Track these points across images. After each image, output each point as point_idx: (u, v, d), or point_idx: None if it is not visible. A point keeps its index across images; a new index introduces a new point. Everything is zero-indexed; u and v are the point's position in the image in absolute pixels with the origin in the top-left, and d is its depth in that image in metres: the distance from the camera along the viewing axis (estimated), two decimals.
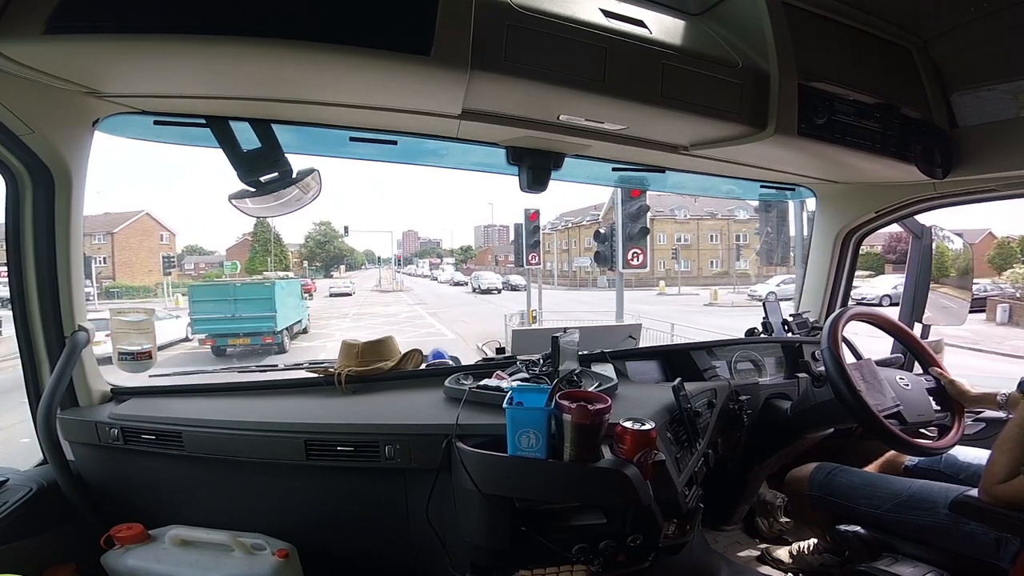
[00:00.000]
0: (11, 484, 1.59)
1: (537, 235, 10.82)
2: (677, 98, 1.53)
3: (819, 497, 1.78)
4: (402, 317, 20.08)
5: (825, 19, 1.66)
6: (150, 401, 1.81)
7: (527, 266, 11.05)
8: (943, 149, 1.84)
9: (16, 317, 1.63)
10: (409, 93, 1.43)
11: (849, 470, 1.81)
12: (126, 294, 28.47)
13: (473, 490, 1.29)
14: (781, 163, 2.08)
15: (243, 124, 1.55)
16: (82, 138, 1.52)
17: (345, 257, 64.81)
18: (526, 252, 10.70)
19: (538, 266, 11.59)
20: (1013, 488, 1.36)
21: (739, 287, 28.03)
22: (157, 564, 1.54)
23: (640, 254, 7.41)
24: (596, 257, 8.00)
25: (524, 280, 23.83)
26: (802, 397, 1.95)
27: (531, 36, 1.32)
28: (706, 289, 22.92)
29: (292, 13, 1.14)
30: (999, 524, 1.40)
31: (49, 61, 1.18)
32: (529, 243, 10.66)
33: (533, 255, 10.86)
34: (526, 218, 10.59)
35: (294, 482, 1.63)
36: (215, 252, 57.46)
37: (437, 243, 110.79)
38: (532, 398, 1.31)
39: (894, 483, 1.68)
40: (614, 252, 7.50)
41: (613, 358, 1.97)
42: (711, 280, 36.32)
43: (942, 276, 2.39)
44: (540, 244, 11.17)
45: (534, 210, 10.62)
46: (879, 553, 1.61)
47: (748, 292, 23.45)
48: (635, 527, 1.29)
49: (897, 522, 1.60)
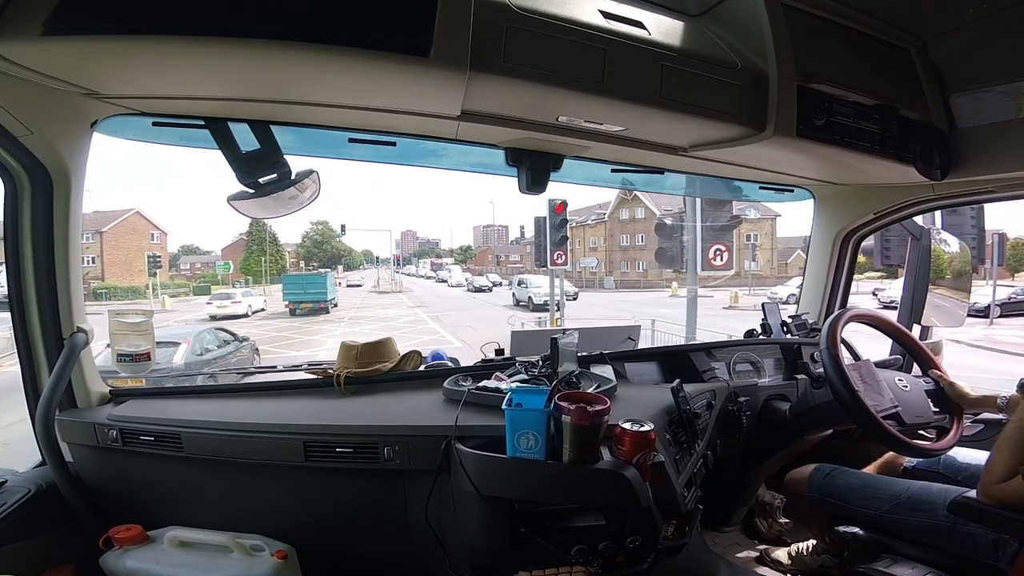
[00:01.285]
0: (9, 485, 1.59)
1: (564, 229, 8.87)
2: (676, 99, 1.53)
3: (818, 498, 1.79)
4: (402, 321, 19.38)
5: (824, 20, 1.66)
6: (149, 402, 1.81)
7: (552, 266, 9.18)
8: (942, 150, 1.84)
9: (15, 318, 1.63)
10: (408, 94, 1.43)
11: (848, 471, 1.81)
12: (115, 295, 27.86)
13: (472, 491, 1.29)
14: (780, 164, 2.08)
15: (242, 125, 1.55)
16: (81, 139, 1.52)
17: (343, 257, 64.66)
18: (551, 250, 8.84)
19: (564, 266, 9.54)
20: (1012, 489, 1.36)
21: (755, 289, 27.69)
22: (156, 565, 1.54)
23: (725, 252, 5.95)
24: (659, 255, 6.51)
25: (532, 280, 23.18)
26: (801, 398, 1.95)
27: (530, 37, 1.32)
28: (718, 291, 22.65)
29: (291, 14, 1.14)
30: (997, 525, 1.40)
31: (47, 62, 1.18)
32: (555, 239, 8.78)
33: (559, 253, 8.93)
34: (551, 210, 8.71)
35: (293, 483, 1.63)
36: (211, 252, 57.02)
37: (436, 243, 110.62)
38: (531, 399, 1.32)
39: (893, 484, 1.68)
40: (684, 249, 6.00)
41: (612, 359, 1.97)
42: (723, 281, 36.07)
43: (939, 277, 2.39)
44: (568, 240, 9.11)
45: (560, 200, 8.68)
46: (878, 554, 1.62)
47: (768, 294, 23.10)
48: (634, 528, 1.29)
49: (896, 523, 1.60)
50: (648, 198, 36.53)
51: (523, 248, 61.12)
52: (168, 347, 8.27)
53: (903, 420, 1.75)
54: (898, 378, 1.87)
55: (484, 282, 37.37)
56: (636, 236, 39.53)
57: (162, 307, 24.22)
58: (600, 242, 42.58)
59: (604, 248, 41.81)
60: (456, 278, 44.11)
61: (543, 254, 9.03)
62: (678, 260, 6.18)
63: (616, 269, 40.18)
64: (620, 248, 40.97)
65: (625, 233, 40.71)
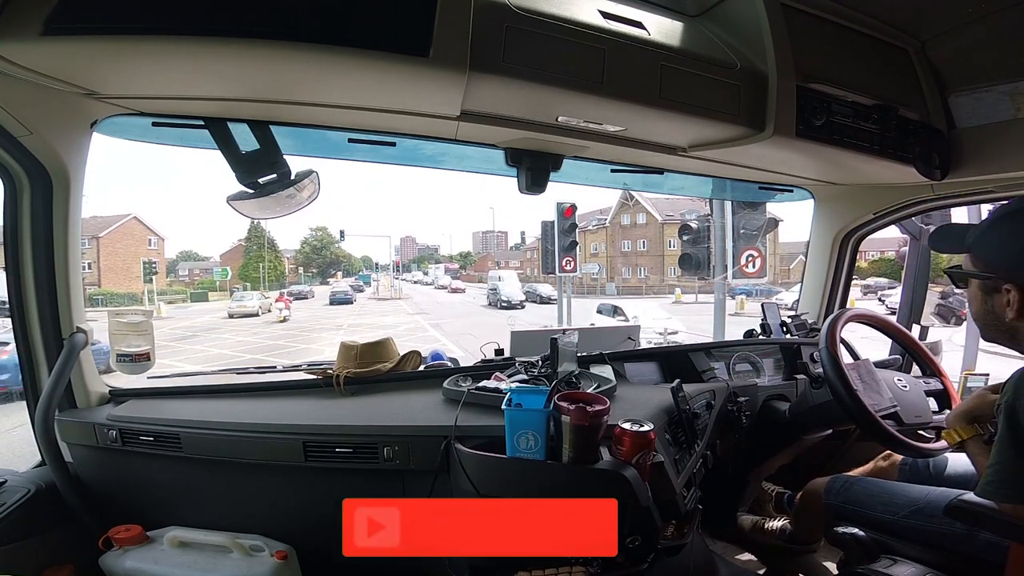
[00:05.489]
0: (9, 485, 1.59)
1: (573, 234, 8.68)
2: (675, 99, 1.53)
3: (836, 505, 1.76)
4: (402, 329, 19.08)
5: (823, 20, 1.67)
6: (148, 403, 1.81)
7: (560, 273, 8.95)
8: (941, 150, 1.84)
9: (14, 319, 1.63)
10: (408, 94, 1.43)
11: (864, 480, 1.79)
12: (111, 301, 27.50)
13: (472, 491, 1.29)
14: (779, 164, 2.08)
15: (241, 125, 1.55)
16: (80, 140, 1.52)
17: (342, 263, 64.60)
18: (559, 256, 8.55)
19: (573, 273, 9.29)
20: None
21: (759, 295, 27.29)
22: (155, 565, 1.54)
23: (758, 257, 5.36)
24: (683, 261, 5.86)
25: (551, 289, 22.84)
26: (800, 398, 1.95)
27: (530, 37, 1.33)
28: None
29: (291, 14, 1.14)
30: (994, 528, 1.38)
31: (47, 62, 1.18)
32: (564, 244, 8.55)
33: (568, 259, 8.66)
34: (559, 214, 8.45)
35: (293, 483, 1.63)
36: (209, 258, 56.54)
37: (435, 249, 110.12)
38: (531, 399, 1.31)
39: (911, 490, 1.66)
40: (711, 254, 5.48)
41: (612, 359, 1.97)
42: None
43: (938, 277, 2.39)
44: (577, 245, 9.04)
45: (568, 204, 8.37)
46: (877, 555, 1.61)
47: (774, 300, 22.89)
48: (633, 528, 1.29)
49: (916, 529, 1.57)
50: (649, 203, 36.53)
51: (523, 254, 61.04)
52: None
53: (902, 420, 1.75)
54: (897, 378, 1.87)
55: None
56: (637, 241, 39.52)
57: (158, 314, 23.52)
58: (601, 248, 42.50)
59: (605, 254, 41.74)
60: (511, 287, 42.80)
61: (551, 260, 8.83)
62: (705, 267, 5.58)
63: (617, 275, 40.11)
64: (621, 254, 40.92)
65: (626, 239, 40.67)
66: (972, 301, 1.33)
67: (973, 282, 1.30)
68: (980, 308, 1.30)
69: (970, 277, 1.30)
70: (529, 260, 49.60)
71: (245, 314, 24.87)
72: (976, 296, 1.30)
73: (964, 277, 1.32)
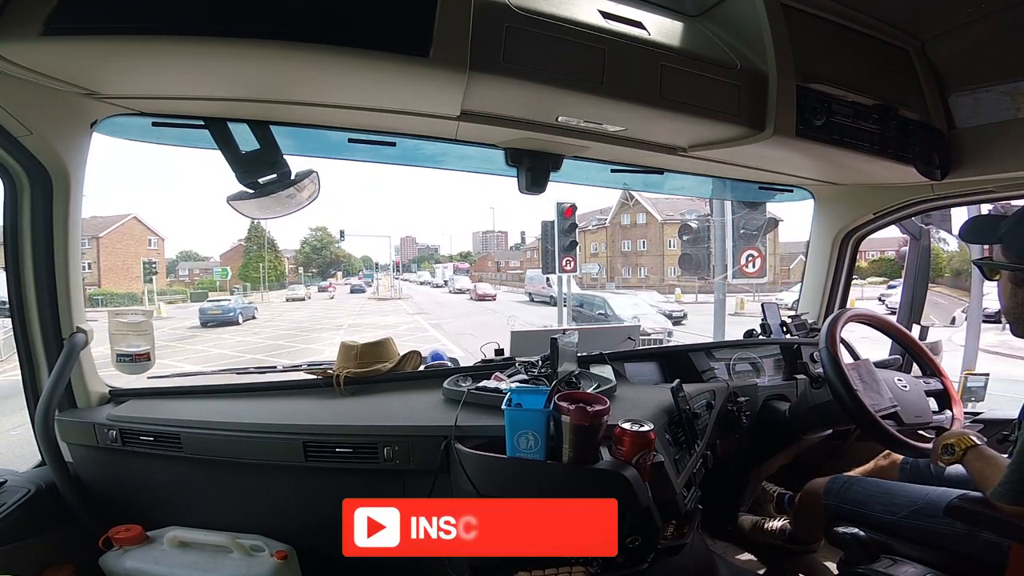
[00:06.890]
0: (9, 485, 1.59)
1: (574, 234, 8.78)
2: (675, 99, 1.53)
3: (835, 506, 1.76)
4: (402, 329, 18.88)
5: (823, 20, 1.67)
6: (148, 403, 1.80)
7: (561, 272, 9.10)
8: (941, 150, 1.84)
9: (14, 319, 1.63)
10: (408, 94, 1.43)
11: (864, 480, 1.79)
12: (111, 302, 27.28)
13: (472, 491, 1.29)
14: (779, 164, 2.08)
15: (241, 125, 1.55)
16: (80, 139, 1.52)
17: (342, 263, 64.40)
18: (559, 256, 8.63)
19: (573, 272, 9.51)
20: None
21: (759, 294, 27.23)
22: (155, 565, 1.54)
23: (758, 257, 5.49)
24: (683, 261, 6.10)
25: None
26: (800, 398, 1.95)
27: (530, 37, 1.33)
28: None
29: (291, 14, 1.15)
30: (994, 527, 1.38)
31: (47, 62, 1.18)
32: (564, 244, 8.63)
33: (568, 259, 8.77)
34: (559, 214, 8.49)
35: (293, 483, 1.62)
36: (210, 258, 56.17)
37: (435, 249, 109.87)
38: (531, 399, 1.31)
39: (911, 491, 1.66)
40: (711, 254, 5.63)
41: (612, 359, 1.97)
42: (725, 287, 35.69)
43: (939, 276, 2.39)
44: (577, 245, 9.17)
45: (568, 204, 8.40)
46: (877, 555, 1.61)
47: (775, 299, 22.80)
48: (633, 528, 1.29)
49: (915, 528, 1.57)
50: (649, 203, 36.47)
51: (523, 254, 60.91)
52: None
53: (902, 420, 1.74)
54: (897, 378, 1.87)
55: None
56: (637, 241, 39.46)
57: (158, 314, 23.17)
58: (601, 248, 42.43)
59: (605, 254, 41.67)
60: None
61: (551, 260, 8.93)
62: (705, 267, 5.76)
63: (618, 275, 40.05)
64: (621, 254, 40.85)
65: (626, 238, 40.60)
66: (1003, 294, 1.31)
67: (1004, 274, 1.29)
68: (1011, 301, 1.29)
69: (1001, 269, 1.29)
70: (529, 260, 49.60)
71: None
72: (1007, 288, 1.29)
73: (995, 268, 1.31)
